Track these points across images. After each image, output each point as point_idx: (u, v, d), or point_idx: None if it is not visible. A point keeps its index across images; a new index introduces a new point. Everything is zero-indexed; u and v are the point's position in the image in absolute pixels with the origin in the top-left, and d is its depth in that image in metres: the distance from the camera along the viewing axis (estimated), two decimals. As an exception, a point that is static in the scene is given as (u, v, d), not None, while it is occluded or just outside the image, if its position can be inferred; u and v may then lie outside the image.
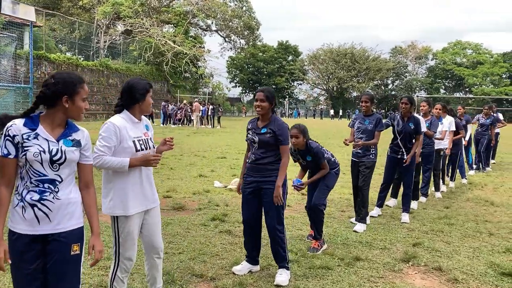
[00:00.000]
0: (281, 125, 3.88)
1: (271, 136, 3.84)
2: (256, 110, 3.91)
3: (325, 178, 4.88)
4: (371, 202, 6.98)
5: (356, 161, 5.90)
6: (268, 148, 3.86)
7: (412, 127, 6.21)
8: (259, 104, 3.85)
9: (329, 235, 5.28)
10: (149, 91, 3.09)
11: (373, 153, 5.81)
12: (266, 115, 3.92)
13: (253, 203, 4.00)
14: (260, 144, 3.87)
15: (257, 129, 3.93)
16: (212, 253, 4.51)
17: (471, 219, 6.34)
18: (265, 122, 3.92)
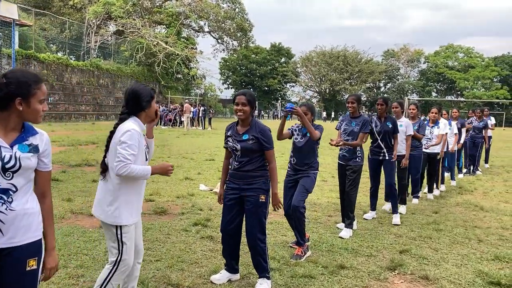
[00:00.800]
0: (263, 130, 3.71)
1: (254, 142, 3.67)
2: (237, 115, 3.72)
3: (304, 180, 4.72)
4: (358, 207, 6.87)
5: (343, 164, 5.76)
6: (251, 155, 3.69)
7: (390, 126, 6.27)
8: (241, 109, 3.67)
9: (314, 241, 5.12)
10: (154, 98, 2.99)
11: (359, 156, 5.68)
12: (247, 120, 3.74)
13: (235, 211, 3.82)
14: (243, 151, 3.69)
15: (237, 135, 3.75)
16: (191, 260, 4.33)
17: (460, 224, 6.22)
18: (246, 128, 3.74)
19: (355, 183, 5.64)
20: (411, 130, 6.93)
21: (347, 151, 5.69)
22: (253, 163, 3.68)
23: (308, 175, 4.75)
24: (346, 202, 5.60)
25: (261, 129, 3.70)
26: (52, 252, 2.26)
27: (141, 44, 40.24)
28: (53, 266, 2.27)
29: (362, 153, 5.72)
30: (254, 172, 3.69)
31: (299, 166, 4.80)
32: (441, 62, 70.99)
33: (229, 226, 3.84)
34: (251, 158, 3.68)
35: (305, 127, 4.62)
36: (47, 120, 27.13)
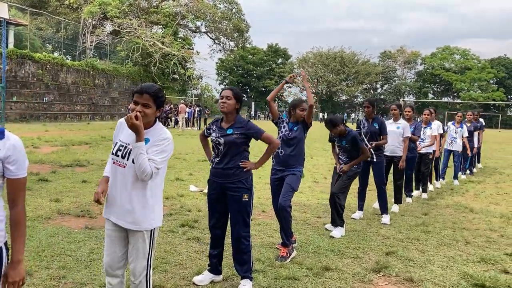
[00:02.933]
0: (246, 123, 3.72)
1: (238, 137, 3.65)
2: (220, 108, 3.72)
3: (290, 179, 4.70)
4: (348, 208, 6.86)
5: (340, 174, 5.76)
6: (234, 150, 3.67)
7: (377, 127, 6.34)
8: (225, 102, 3.66)
9: (301, 243, 5.11)
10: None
11: (358, 164, 5.71)
12: (231, 115, 3.72)
13: (220, 210, 3.81)
14: (226, 145, 3.67)
15: (222, 130, 3.73)
16: (175, 262, 4.30)
17: (449, 226, 6.21)
18: (230, 123, 3.73)
19: (346, 187, 5.64)
20: (409, 132, 6.99)
21: (345, 162, 5.70)
22: (235, 159, 3.66)
23: (293, 173, 4.72)
24: (335, 204, 5.58)
25: (245, 123, 3.72)
26: (17, 265, 2.05)
27: (137, 44, 40.16)
28: (16, 281, 2.05)
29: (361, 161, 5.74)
30: (236, 170, 3.67)
31: (285, 162, 4.76)
32: (438, 63, 71.20)
33: (215, 225, 3.84)
34: (233, 154, 3.66)
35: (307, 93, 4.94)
36: (42, 120, 27.06)
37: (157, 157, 2.59)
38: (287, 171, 4.76)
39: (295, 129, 4.75)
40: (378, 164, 6.42)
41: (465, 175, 11.55)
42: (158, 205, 2.77)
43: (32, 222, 5.24)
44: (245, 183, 3.69)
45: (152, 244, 2.75)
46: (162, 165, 2.63)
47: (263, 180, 8.92)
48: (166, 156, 2.66)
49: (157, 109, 2.67)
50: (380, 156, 6.42)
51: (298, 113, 4.75)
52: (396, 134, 6.89)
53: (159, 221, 2.78)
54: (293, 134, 4.75)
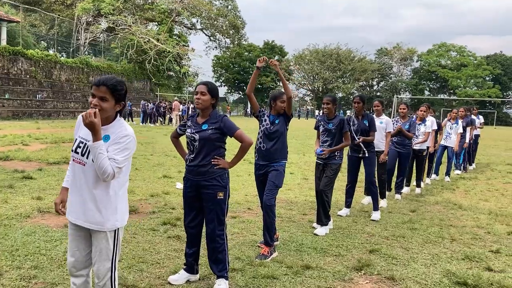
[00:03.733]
0: (222, 118, 3.62)
1: (213, 133, 3.55)
2: (195, 104, 3.63)
3: (273, 175, 4.61)
4: (335, 205, 6.78)
5: (320, 163, 5.67)
6: (209, 146, 3.57)
7: (367, 124, 6.26)
8: (199, 97, 3.56)
9: (284, 241, 5.02)
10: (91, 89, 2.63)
11: (338, 155, 5.61)
12: (207, 110, 3.62)
13: (195, 208, 3.72)
14: (201, 141, 3.57)
15: (197, 125, 3.64)
16: (153, 261, 4.21)
17: (436, 223, 6.15)
18: (205, 118, 3.63)
19: (331, 181, 5.54)
20: (391, 127, 7.01)
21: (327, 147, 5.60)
22: (211, 156, 3.57)
23: (276, 169, 4.63)
24: (321, 201, 5.50)
25: (221, 118, 3.61)
26: None
27: (132, 41, 39.98)
28: None
29: (341, 153, 5.66)
30: (211, 167, 3.57)
31: (268, 157, 4.66)
32: (434, 60, 71.20)
33: (191, 223, 3.75)
34: (208, 150, 3.57)
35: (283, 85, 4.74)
36: (35, 117, 26.88)
37: (119, 156, 2.49)
38: (270, 166, 4.67)
39: (276, 122, 4.66)
40: (370, 160, 6.35)
41: (459, 171, 11.52)
42: (122, 204, 2.67)
43: (9, 221, 5.14)
44: (220, 181, 3.60)
45: (117, 245, 2.65)
46: (124, 164, 2.53)
47: (252, 177, 8.82)
48: (128, 154, 2.55)
49: (117, 103, 2.57)
50: (372, 152, 6.36)
51: (279, 105, 4.66)
52: (379, 129, 6.85)
53: (123, 221, 2.68)
54: (275, 127, 4.65)
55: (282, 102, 4.64)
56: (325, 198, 5.45)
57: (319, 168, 5.68)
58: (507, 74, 69.10)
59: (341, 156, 5.64)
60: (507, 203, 7.83)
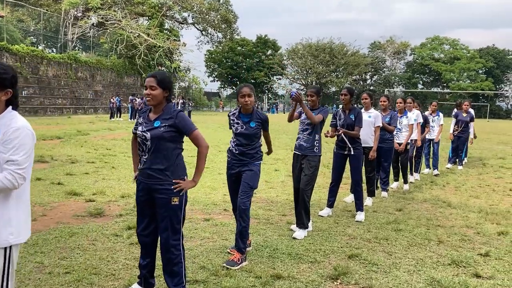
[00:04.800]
0: (177, 114, 3.17)
1: (166, 131, 3.13)
2: (146, 100, 3.22)
3: (247, 176, 4.21)
4: (317, 205, 6.42)
5: (299, 154, 5.28)
6: (163, 146, 3.16)
7: (353, 118, 5.87)
8: (149, 93, 3.15)
9: (257, 246, 4.64)
10: None
11: (317, 146, 5.21)
12: (159, 106, 3.21)
13: (148, 215, 3.32)
14: (153, 141, 3.16)
15: (149, 123, 3.23)
16: (108, 272, 3.81)
17: (423, 223, 5.79)
18: (158, 114, 3.22)
19: (312, 180, 5.16)
20: (380, 121, 6.67)
21: (305, 140, 5.22)
22: (164, 158, 3.16)
23: (251, 169, 4.24)
24: (301, 201, 5.13)
25: (177, 114, 3.17)
26: None
27: (122, 36, 39.31)
28: None
29: (320, 143, 5.27)
30: (165, 170, 3.17)
31: (242, 155, 4.27)
32: (427, 54, 70.99)
33: (144, 231, 3.35)
34: (162, 151, 3.16)
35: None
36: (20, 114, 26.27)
37: (17, 156, 2.09)
38: (244, 166, 4.28)
39: (252, 126, 4.24)
40: (356, 157, 5.96)
41: (450, 165, 11.25)
42: (19, 215, 2.23)
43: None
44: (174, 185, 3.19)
45: (9, 265, 2.20)
46: (26, 163, 2.13)
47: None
48: (27, 150, 2.15)
49: (1, 91, 2.16)
50: (357, 149, 5.95)
51: (239, 100, 4.25)
52: (367, 124, 6.49)
53: (19, 236, 2.23)
54: (249, 128, 4.25)
55: (242, 97, 4.22)
56: (306, 199, 5.08)
57: (297, 160, 5.30)
58: (499, 67, 69.08)
59: (320, 148, 5.26)
60: (498, 200, 7.50)
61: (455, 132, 10.96)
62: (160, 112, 3.20)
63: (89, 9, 39.45)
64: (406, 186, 8.25)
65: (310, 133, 5.20)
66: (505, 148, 17.56)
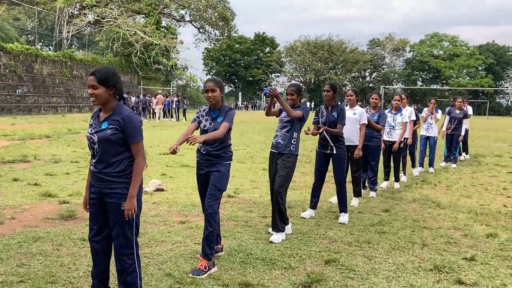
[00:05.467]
0: (129, 117, 2.92)
1: (114, 133, 2.90)
2: (91, 101, 2.99)
3: (215, 178, 3.98)
4: (301, 205, 6.20)
5: (275, 152, 5.04)
6: (111, 150, 2.93)
7: (336, 116, 5.63)
8: (91, 93, 2.91)
9: (230, 250, 4.41)
10: None
11: (294, 145, 4.98)
12: (107, 105, 2.97)
13: (100, 220, 3.09)
14: (101, 144, 2.94)
15: (97, 124, 3.00)
16: (66, 280, 3.59)
17: (409, 225, 5.56)
18: (107, 114, 2.98)
19: (286, 180, 4.93)
20: (365, 119, 6.43)
21: (282, 137, 4.99)
22: (114, 163, 2.93)
23: (218, 170, 4.00)
24: (276, 203, 4.90)
25: (126, 116, 2.92)
26: None
27: (118, 33, 39.05)
28: None
29: (298, 142, 5.03)
30: (116, 174, 2.94)
31: (209, 155, 4.03)
32: (427, 51, 70.74)
33: (95, 237, 3.11)
34: (110, 155, 2.92)
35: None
36: (14, 113, 26.12)
37: None
38: (212, 167, 4.04)
39: (219, 121, 4.00)
40: (338, 157, 5.71)
41: (444, 163, 11.07)
42: None
43: None
44: (125, 190, 2.96)
45: None
46: None
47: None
48: None
49: None
50: (340, 148, 5.72)
51: (205, 95, 4.02)
52: (352, 121, 6.26)
53: None
54: (214, 125, 4.01)
55: (206, 92, 3.98)
56: (280, 201, 4.84)
57: (273, 158, 5.06)
58: (499, 64, 68.79)
59: (297, 146, 5.02)
60: (490, 200, 7.27)
61: (448, 130, 10.75)
62: (109, 112, 2.96)
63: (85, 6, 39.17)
64: (396, 185, 8.04)
65: (288, 130, 4.98)
66: (502, 145, 17.33)
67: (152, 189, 6.70)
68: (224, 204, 6.28)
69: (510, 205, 6.86)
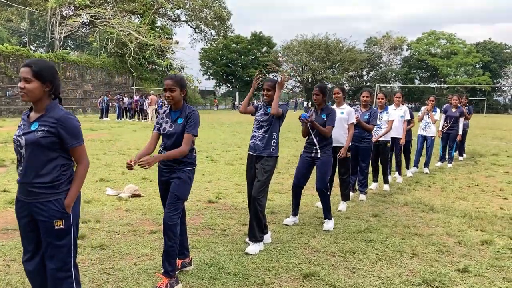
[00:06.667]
0: (65, 118, 2.55)
1: (43, 136, 2.51)
2: (21, 96, 2.61)
3: (175, 186, 3.58)
4: (284, 212, 5.83)
5: (253, 155, 4.66)
6: (40, 157, 2.53)
7: (325, 118, 5.30)
8: (22, 86, 2.53)
9: (200, 264, 4.02)
10: None
11: (274, 146, 4.60)
12: (40, 103, 2.59)
13: (32, 240, 2.69)
14: (28, 147, 2.53)
15: (27, 125, 2.60)
16: (10, 302, 3.21)
17: (398, 232, 5.18)
18: (39, 114, 2.59)
19: (265, 184, 4.55)
20: (353, 118, 6.06)
21: (260, 138, 4.60)
22: (44, 171, 2.54)
23: (179, 177, 3.60)
24: (253, 212, 4.52)
25: (63, 118, 2.54)
26: None
27: (111, 34, 38.62)
28: None
29: (277, 143, 4.66)
30: (45, 185, 2.55)
31: (169, 161, 3.63)
32: (424, 49, 70.36)
33: (29, 260, 2.72)
34: (40, 162, 2.53)
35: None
36: (4, 115, 25.68)
37: None
38: (173, 173, 3.65)
39: (179, 123, 3.61)
40: (323, 163, 5.27)
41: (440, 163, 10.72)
42: None
43: None
44: (58, 205, 2.57)
45: None
46: None
47: (197, 179, 7.84)
48: None
49: None
50: (326, 153, 5.30)
51: (165, 96, 3.64)
52: (339, 121, 5.90)
53: None
54: (175, 128, 3.61)
55: (164, 91, 3.60)
56: (259, 208, 4.46)
57: (251, 161, 4.67)
58: (497, 61, 68.48)
59: (277, 149, 4.65)
60: (486, 202, 6.89)
61: (444, 128, 10.38)
62: (41, 112, 2.58)
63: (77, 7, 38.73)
64: (386, 187, 7.68)
65: (266, 130, 4.60)
66: (499, 143, 16.97)
67: (127, 195, 6.32)
68: (203, 210, 5.91)
69: (507, 208, 6.49)
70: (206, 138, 16.13)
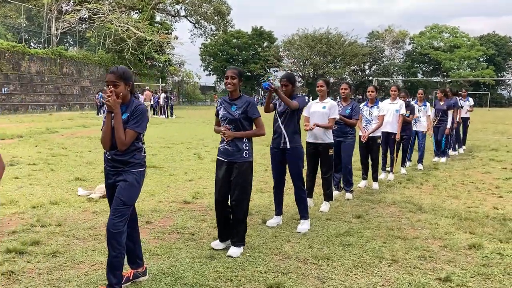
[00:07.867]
0: None
1: None
2: None
3: (121, 190, 3.24)
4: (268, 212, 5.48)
5: (223, 161, 4.30)
6: None
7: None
8: None
9: (157, 274, 3.68)
10: None
11: (247, 150, 4.24)
12: None
13: None
14: None
15: None
16: None
17: (381, 235, 4.83)
18: None
19: (247, 190, 4.23)
20: (336, 113, 5.70)
21: (230, 143, 4.24)
22: None
23: (125, 179, 3.26)
24: (236, 220, 4.21)
25: None
26: None
27: (109, 29, 38.27)
28: None
29: (250, 146, 4.30)
30: None
31: (114, 161, 3.31)
32: (426, 42, 69.64)
33: None
34: None
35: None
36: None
37: None
38: (119, 175, 3.31)
39: (123, 117, 3.27)
40: (293, 154, 4.96)
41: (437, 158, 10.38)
42: None
43: None
44: None
45: None
46: None
47: (175, 177, 7.51)
48: None
49: None
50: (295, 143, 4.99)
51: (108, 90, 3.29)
52: (321, 116, 5.56)
53: None
54: None
55: (107, 85, 3.25)
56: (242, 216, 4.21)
57: (221, 168, 4.30)
58: (501, 55, 67.66)
59: (250, 151, 4.28)
60: (479, 200, 6.52)
61: (434, 122, 10.08)
62: None
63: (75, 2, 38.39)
64: (375, 185, 7.33)
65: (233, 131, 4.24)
66: (500, 138, 16.54)
67: (98, 195, 5.99)
68: (176, 212, 5.58)
69: (501, 207, 6.12)
70: (199, 134, 15.81)
